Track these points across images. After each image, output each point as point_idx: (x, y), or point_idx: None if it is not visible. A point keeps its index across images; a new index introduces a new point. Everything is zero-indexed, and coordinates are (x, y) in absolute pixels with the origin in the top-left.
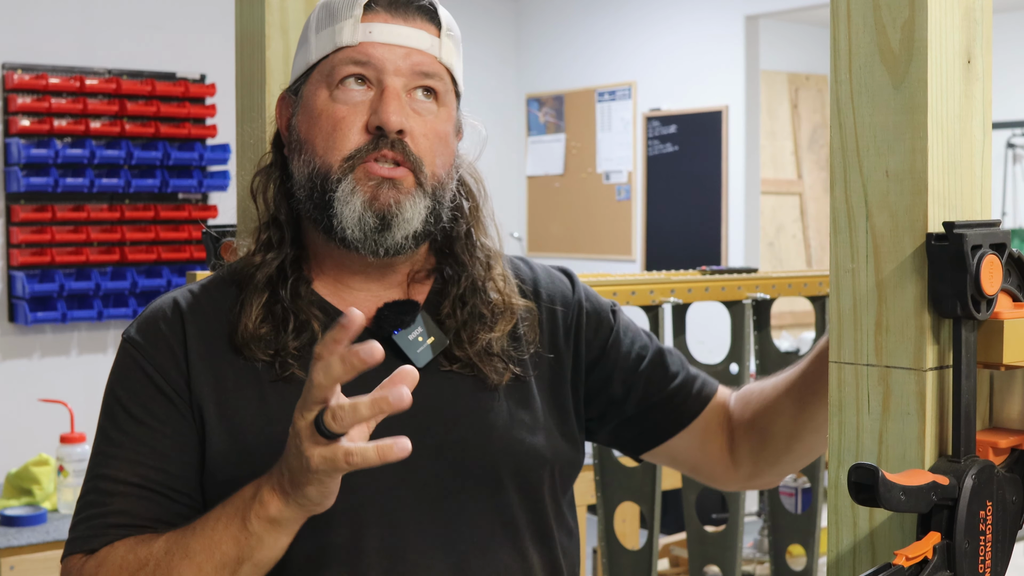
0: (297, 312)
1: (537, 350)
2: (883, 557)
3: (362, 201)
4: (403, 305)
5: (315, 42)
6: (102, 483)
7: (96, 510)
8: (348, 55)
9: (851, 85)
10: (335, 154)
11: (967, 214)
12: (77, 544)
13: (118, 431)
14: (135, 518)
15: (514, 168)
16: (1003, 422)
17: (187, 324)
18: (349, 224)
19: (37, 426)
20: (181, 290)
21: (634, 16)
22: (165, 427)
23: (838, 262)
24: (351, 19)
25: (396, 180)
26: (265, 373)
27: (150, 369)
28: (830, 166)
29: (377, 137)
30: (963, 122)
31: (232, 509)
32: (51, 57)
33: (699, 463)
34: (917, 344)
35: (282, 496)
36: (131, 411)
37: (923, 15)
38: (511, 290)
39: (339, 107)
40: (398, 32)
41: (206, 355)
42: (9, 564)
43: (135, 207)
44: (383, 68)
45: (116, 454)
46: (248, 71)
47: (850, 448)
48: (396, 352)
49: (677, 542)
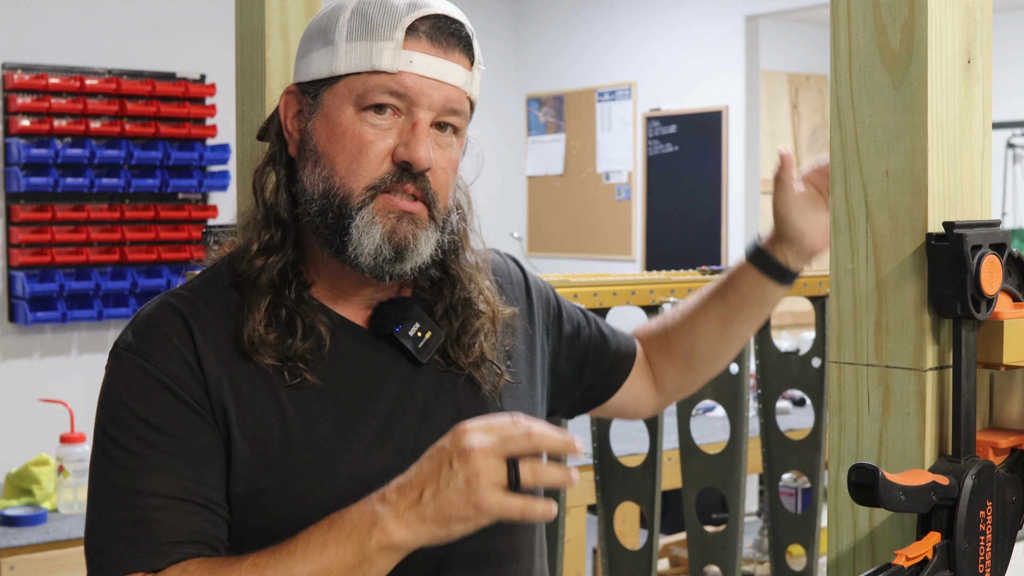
0: (303, 316)
1: (524, 352)
2: (883, 557)
3: (381, 233)
4: (399, 303)
5: (346, 51)
6: (138, 498)
7: (140, 528)
8: (385, 82)
9: (851, 85)
10: (358, 180)
11: (967, 214)
12: (129, 565)
13: (142, 444)
14: (191, 535)
15: (514, 168)
16: (1003, 422)
17: (192, 329)
18: (365, 253)
19: (37, 426)
20: (170, 294)
21: (634, 16)
22: (195, 438)
23: (838, 262)
24: (392, 43)
25: (415, 215)
26: (276, 378)
27: (165, 379)
28: (830, 166)
29: (402, 170)
30: (963, 122)
31: (340, 535)
32: (51, 57)
33: (627, 406)
34: (917, 344)
35: (413, 525)
36: (152, 423)
37: (923, 15)
38: (498, 300)
39: (366, 130)
40: (438, 66)
41: (217, 360)
42: (9, 564)
43: (135, 207)
44: (418, 101)
45: (146, 468)
46: (248, 71)
47: (850, 448)
48: (399, 349)
49: (677, 542)
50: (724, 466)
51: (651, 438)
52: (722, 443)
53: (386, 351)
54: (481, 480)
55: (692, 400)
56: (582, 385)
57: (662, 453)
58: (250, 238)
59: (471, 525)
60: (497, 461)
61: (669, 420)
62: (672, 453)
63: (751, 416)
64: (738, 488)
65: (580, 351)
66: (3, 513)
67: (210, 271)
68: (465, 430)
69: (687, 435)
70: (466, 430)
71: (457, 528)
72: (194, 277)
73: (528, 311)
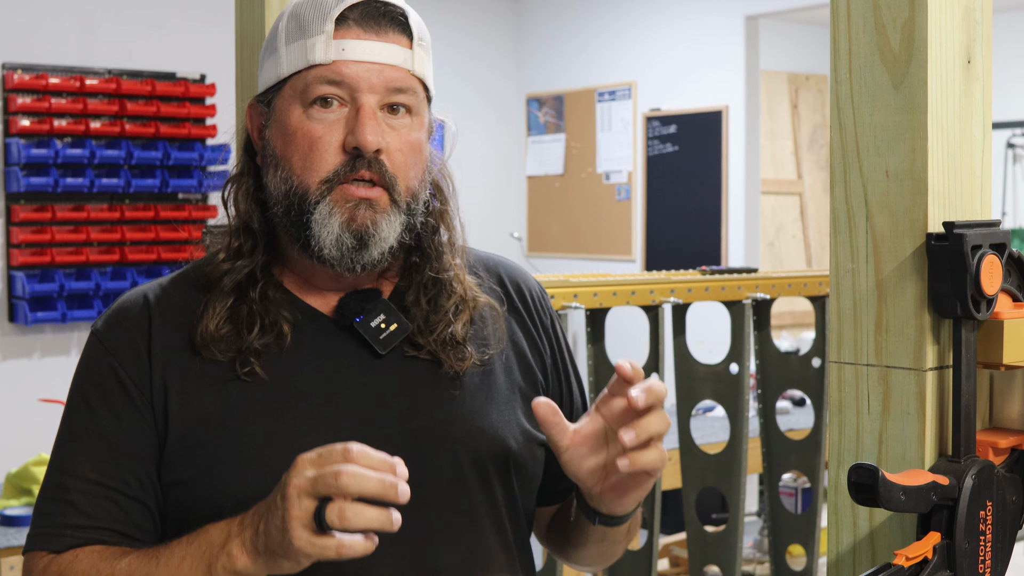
0: (264, 314)
1: (512, 347)
2: (883, 557)
3: (340, 223)
4: (365, 293)
5: (285, 55)
6: (62, 477)
7: (56, 507)
8: (321, 74)
9: (851, 85)
10: (312, 175)
11: (967, 214)
12: (39, 541)
13: (78, 424)
14: (94, 520)
15: (514, 168)
16: (1003, 422)
17: (153, 318)
18: (327, 244)
19: (37, 426)
20: (152, 284)
21: (634, 16)
22: (122, 423)
23: (838, 262)
24: (323, 35)
25: (372, 200)
26: (227, 372)
27: (113, 363)
28: (830, 166)
29: (354, 157)
30: (963, 122)
31: (198, 551)
32: (51, 57)
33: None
34: (917, 344)
35: (252, 555)
36: (92, 404)
37: (923, 15)
38: (472, 283)
39: (314, 126)
40: (371, 49)
41: (168, 352)
42: (9, 564)
43: (135, 207)
44: (357, 87)
45: (76, 448)
46: (248, 71)
47: (850, 448)
48: (359, 340)
49: (677, 542)
50: (724, 466)
51: None
52: (722, 443)
53: (347, 341)
54: (292, 520)
55: (692, 400)
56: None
57: None
58: (219, 246)
59: (298, 565)
60: (308, 501)
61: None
62: (672, 453)
63: (751, 416)
64: (738, 488)
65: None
66: (3, 513)
67: (185, 269)
68: (298, 461)
69: (687, 435)
70: (299, 461)
71: (284, 565)
72: (173, 272)
73: (531, 320)
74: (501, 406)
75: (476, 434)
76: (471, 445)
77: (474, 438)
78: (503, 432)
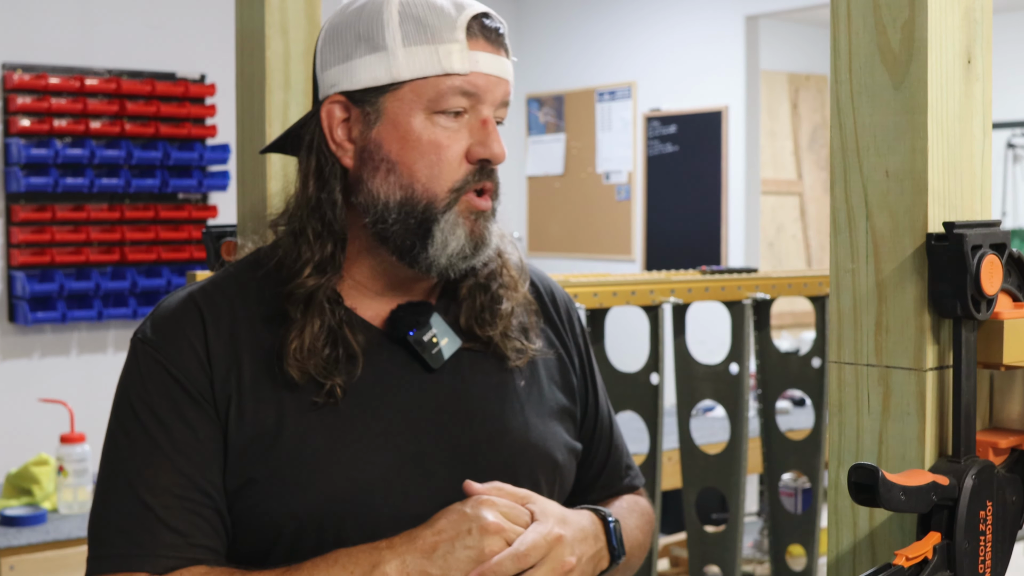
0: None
1: (552, 354)
2: (883, 557)
3: (465, 233)
4: (417, 307)
5: (405, 57)
6: (141, 492)
7: (142, 524)
8: (457, 84)
9: (851, 85)
10: (440, 184)
11: (967, 214)
12: (124, 562)
13: (147, 437)
14: (189, 537)
15: (514, 168)
16: (1003, 422)
17: (208, 326)
18: (447, 253)
19: (37, 426)
20: (195, 288)
21: (634, 16)
22: (198, 433)
23: (838, 262)
24: (457, 44)
25: (486, 212)
26: (281, 382)
27: (174, 371)
28: (830, 166)
29: (479, 168)
30: (963, 122)
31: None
32: (51, 57)
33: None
34: (917, 344)
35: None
36: (159, 416)
37: (923, 15)
38: (522, 276)
39: (441, 134)
40: (498, 64)
41: (224, 359)
42: (9, 564)
43: (135, 207)
44: (483, 99)
45: (150, 462)
46: (248, 71)
47: (850, 448)
48: (411, 352)
49: (677, 542)
50: (724, 466)
51: (651, 438)
52: (722, 443)
53: (399, 354)
54: (485, 554)
55: (692, 400)
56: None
57: (662, 453)
58: (303, 252)
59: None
60: (503, 543)
61: (669, 420)
62: (672, 453)
63: (751, 416)
64: (738, 488)
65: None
66: (3, 513)
67: (236, 265)
68: (483, 502)
69: (687, 435)
70: (485, 502)
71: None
72: (219, 271)
73: (564, 329)
74: (546, 418)
75: (529, 448)
76: (525, 459)
77: (527, 452)
78: (551, 445)
